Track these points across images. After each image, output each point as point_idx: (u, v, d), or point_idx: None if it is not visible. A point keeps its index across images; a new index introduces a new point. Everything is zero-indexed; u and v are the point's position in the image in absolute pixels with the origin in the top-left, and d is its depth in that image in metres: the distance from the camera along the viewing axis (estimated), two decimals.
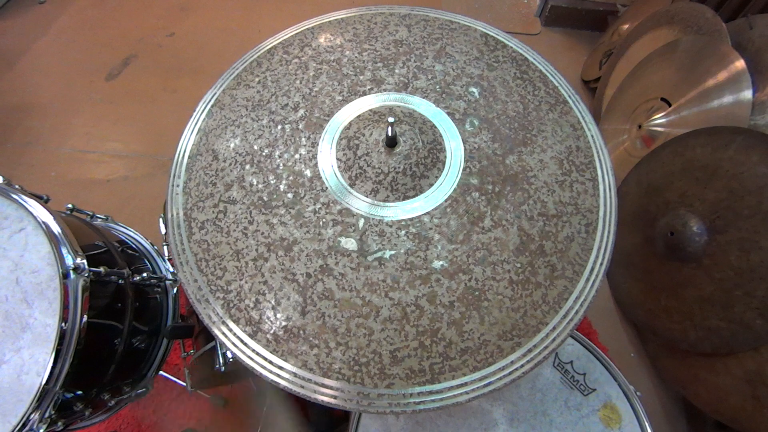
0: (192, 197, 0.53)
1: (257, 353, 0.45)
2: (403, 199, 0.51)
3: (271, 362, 0.44)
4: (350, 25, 0.64)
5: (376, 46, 0.62)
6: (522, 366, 0.44)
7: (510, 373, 0.44)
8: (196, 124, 0.58)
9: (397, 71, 0.60)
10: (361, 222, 0.50)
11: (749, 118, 0.97)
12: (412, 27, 0.64)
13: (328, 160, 0.53)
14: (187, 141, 0.57)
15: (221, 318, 0.46)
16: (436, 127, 0.55)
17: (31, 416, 0.52)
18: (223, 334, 0.46)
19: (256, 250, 0.49)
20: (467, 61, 0.61)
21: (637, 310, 1.15)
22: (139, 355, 0.78)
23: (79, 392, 0.62)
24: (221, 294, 0.47)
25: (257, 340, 0.45)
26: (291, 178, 0.53)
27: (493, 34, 0.64)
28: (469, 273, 0.47)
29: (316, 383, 0.44)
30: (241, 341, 0.45)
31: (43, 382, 0.52)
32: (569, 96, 0.59)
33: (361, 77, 0.60)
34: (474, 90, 0.59)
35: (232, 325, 0.46)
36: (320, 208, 0.51)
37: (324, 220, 0.50)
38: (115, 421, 1.05)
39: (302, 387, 0.44)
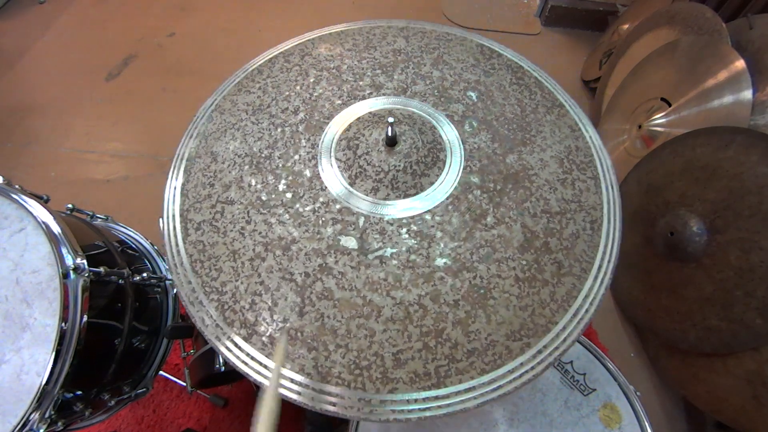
0: (189, 198, 0.52)
1: (252, 357, 0.42)
2: (404, 197, 0.51)
3: (266, 367, 0.42)
4: (349, 37, 0.67)
5: (375, 55, 0.64)
6: (533, 368, 0.42)
7: (520, 376, 0.41)
8: (195, 128, 0.58)
9: (395, 77, 0.62)
10: (362, 220, 0.49)
11: (749, 118, 0.97)
12: (409, 38, 0.66)
13: (327, 160, 0.54)
14: (186, 144, 0.57)
15: (215, 321, 0.45)
16: (435, 128, 0.56)
17: (31, 416, 0.52)
18: (217, 338, 0.44)
19: (253, 249, 0.48)
20: (464, 68, 0.63)
21: (637, 310, 1.15)
22: (139, 355, 0.78)
23: (79, 392, 0.62)
24: (215, 296, 0.46)
25: (252, 343, 0.43)
26: (290, 178, 0.52)
27: (488, 45, 0.66)
28: (474, 271, 0.46)
29: (314, 389, 0.41)
30: (236, 345, 0.43)
31: (43, 382, 0.52)
32: (565, 101, 0.60)
33: (361, 83, 0.61)
34: (472, 94, 0.60)
35: (226, 328, 0.44)
36: (319, 207, 0.50)
37: (323, 219, 0.49)
38: (115, 421, 1.05)
39: (299, 394, 0.41)
